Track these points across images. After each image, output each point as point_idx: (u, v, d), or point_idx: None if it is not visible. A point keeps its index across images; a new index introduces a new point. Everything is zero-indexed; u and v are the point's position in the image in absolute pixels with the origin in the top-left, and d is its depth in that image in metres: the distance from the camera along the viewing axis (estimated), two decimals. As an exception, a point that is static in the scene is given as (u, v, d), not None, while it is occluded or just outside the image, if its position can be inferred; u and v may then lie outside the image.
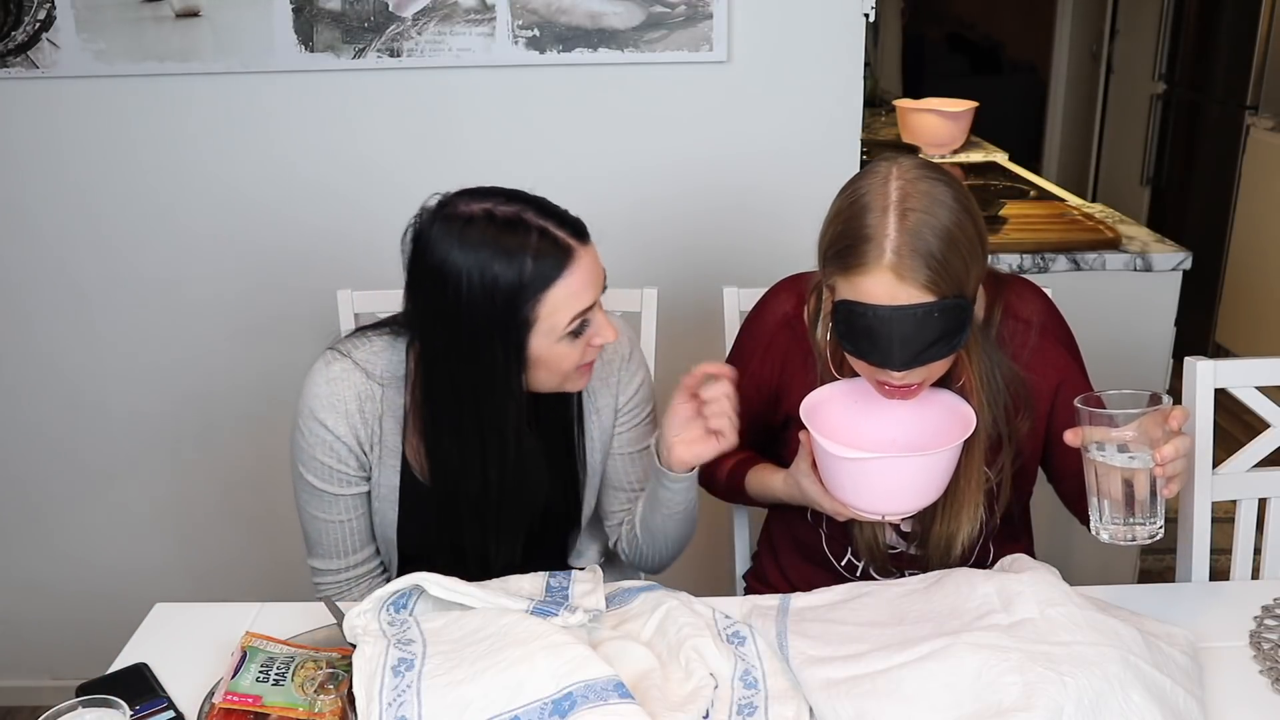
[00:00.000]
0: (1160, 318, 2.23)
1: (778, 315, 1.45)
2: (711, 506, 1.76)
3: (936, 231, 1.17)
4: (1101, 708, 1.02)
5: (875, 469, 1.24)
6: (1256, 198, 3.76)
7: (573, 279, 1.23)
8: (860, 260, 1.19)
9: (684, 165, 2.04)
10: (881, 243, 1.18)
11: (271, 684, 1.11)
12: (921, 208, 1.18)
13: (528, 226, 1.22)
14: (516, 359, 1.24)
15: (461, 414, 1.30)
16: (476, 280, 1.20)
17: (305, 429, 1.36)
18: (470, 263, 1.20)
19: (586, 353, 1.29)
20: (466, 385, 1.27)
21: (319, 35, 1.94)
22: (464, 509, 1.36)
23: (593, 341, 1.28)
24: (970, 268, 1.21)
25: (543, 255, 1.21)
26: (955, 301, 1.20)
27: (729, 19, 1.94)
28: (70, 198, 2.06)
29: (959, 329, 1.22)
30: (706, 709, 1.09)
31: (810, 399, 1.32)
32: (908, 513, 1.28)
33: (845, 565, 1.47)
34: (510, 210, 1.22)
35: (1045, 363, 1.39)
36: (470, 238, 1.20)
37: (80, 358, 2.16)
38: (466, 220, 1.21)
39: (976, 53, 6.35)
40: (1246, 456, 1.49)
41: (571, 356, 1.27)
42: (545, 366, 1.27)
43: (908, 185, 1.20)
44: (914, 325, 1.19)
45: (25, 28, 1.94)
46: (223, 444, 2.22)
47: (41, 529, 2.28)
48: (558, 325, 1.23)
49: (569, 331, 1.24)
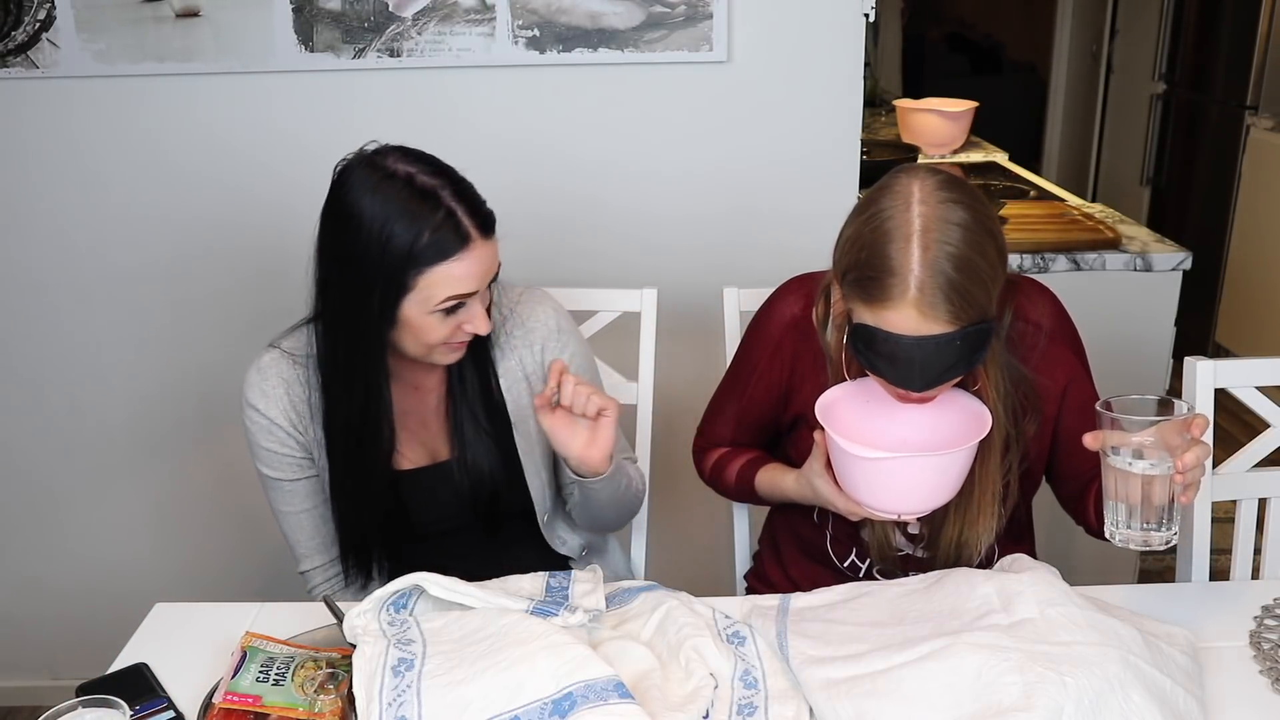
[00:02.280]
0: (1160, 318, 2.23)
1: (786, 316, 1.45)
2: (711, 506, 1.77)
3: (960, 264, 1.16)
4: (1101, 708, 1.02)
5: (891, 469, 1.23)
6: (1256, 198, 3.76)
7: (459, 265, 1.28)
8: (884, 295, 1.18)
9: (684, 165, 2.04)
10: (905, 278, 1.16)
11: (271, 684, 1.11)
12: (944, 238, 1.16)
13: (438, 203, 1.27)
14: (388, 315, 1.30)
15: (336, 353, 1.36)
16: (375, 233, 1.26)
17: (246, 420, 1.43)
18: (375, 214, 1.26)
19: (456, 333, 1.34)
20: (342, 325, 1.34)
21: (319, 35, 1.94)
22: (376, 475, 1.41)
23: (464, 327, 1.34)
24: (992, 290, 1.21)
25: (441, 233, 1.26)
26: (978, 327, 1.20)
27: (729, 19, 1.94)
28: (71, 198, 2.06)
29: (981, 348, 1.22)
30: (706, 709, 1.09)
31: (824, 398, 1.32)
32: (922, 512, 1.28)
33: (848, 566, 1.47)
34: (430, 183, 1.28)
35: (1053, 365, 1.39)
36: (384, 192, 1.26)
37: (80, 356, 2.16)
38: (387, 175, 1.27)
39: (976, 53, 6.35)
40: (1246, 456, 1.49)
41: (439, 331, 1.32)
42: (412, 332, 1.32)
43: (930, 211, 1.17)
44: (935, 353, 1.19)
45: (25, 28, 1.94)
46: (223, 444, 2.22)
47: (41, 528, 2.28)
48: (431, 299, 1.29)
49: (441, 309, 1.30)
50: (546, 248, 2.07)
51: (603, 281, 1.95)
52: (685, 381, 2.04)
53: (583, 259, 2.08)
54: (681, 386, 2.02)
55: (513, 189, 2.05)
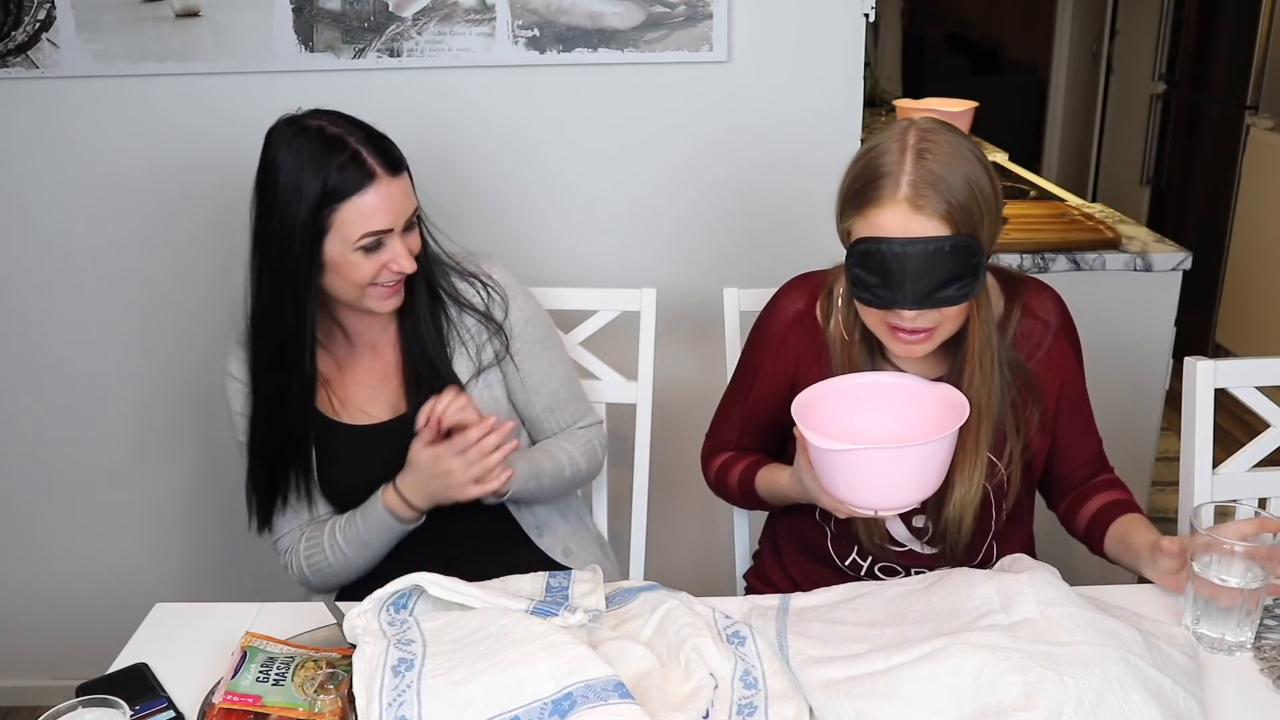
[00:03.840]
0: (1160, 318, 2.23)
1: (790, 312, 1.45)
2: (711, 506, 1.77)
3: (953, 171, 1.22)
4: (1101, 708, 1.02)
5: (862, 460, 1.22)
6: (1256, 198, 3.76)
7: (367, 199, 1.37)
8: (876, 194, 1.23)
9: (684, 165, 2.04)
10: (898, 177, 1.23)
11: (271, 684, 1.11)
12: (939, 152, 1.23)
13: (344, 146, 1.37)
14: (313, 259, 1.39)
15: (263, 294, 1.44)
16: (290, 181, 1.37)
17: (226, 393, 1.55)
18: (290, 165, 1.37)
19: (382, 274, 1.42)
20: (271, 274, 1.42)
21: (319, 35, 1.94)
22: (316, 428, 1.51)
23: (389, 266, 1.41)
24: (984, 216, 1.24)
25: (346, 170, 1.36)
26: (968, 240, 1.22)
27: (729, 19, 1.94)
28: (70, 197, 2.06)
29: (971, 273, 1.23)
30: (706, 709, 1.08)
31: (803, 396, 1.31)
32: (901, 507, 1.26)
33: (850, 565, 1.47)
34: (337, 131, 1.39)
35: (1053, 362, 1.40)
36: (296, 144, 1.38)
37: (79, 357, 2.16)
38: (300, 129, 1.39)
39: (976, 53, 6.35)
40: (1246, 456, 1.49)
41: (364, 269, 1.40)
42: (339, 273, 1.41)
43: (926, 134, 1.25)
44: (926, 260, 1.21)
45: (25, 28, 1.94)
46: (223, 443, 2.21)
47: (41, 529, 2.28)
48: (349, 237, 1.38)
49: (360, 245, 1.38)
50: (546, 247, 2.07)
51: (602, 281, 1.96)
52: (685, 381, 2.04)
53: (582, 258, 2.08)
54: (681, 386, 2.02)
55: (512, 188, 2.06)
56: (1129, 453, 1.77)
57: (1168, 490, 2.92)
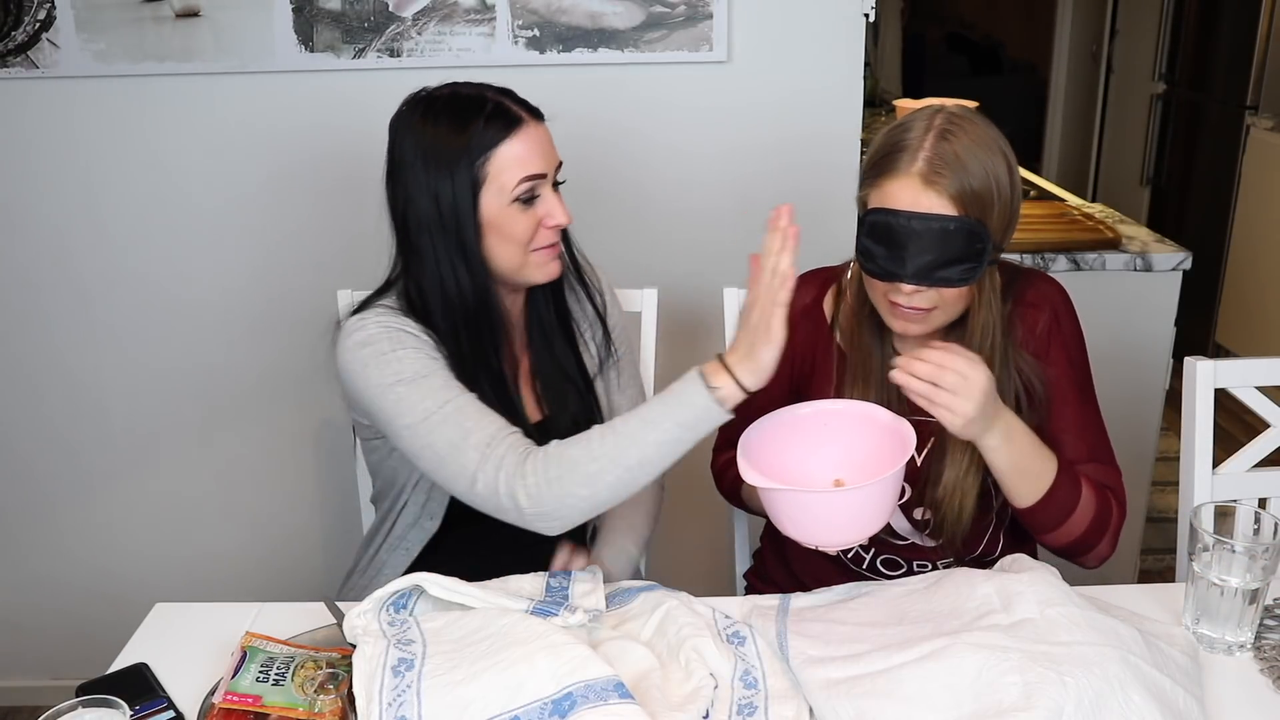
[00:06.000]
0: (1160, 318, 2.23)
1: (797, 307, 1.45)
2: (711, 506, 1.76)
3: (972, 156, 1.23)
4: (1101, 708, 1.02)
5: (795, 501, 1.19)
6: (1256, 198, 3.76)
7: (518, 143, 1.33)
8: (893, 166, 1.26)
9: (684, 165, 2.04)
10: (916, 153, 1.24)
11: (271, 684, 1.11)
12: (962, 136, 1.25)
13: (484, 99, 1.35)
14: (473, 219, 1.33)
15: (444, 285, 1.36)
16: (436, 145, 1.32)
17: (385, 341, 1.34)
18: (430, 134, 1.33)
19: (540, 234, 1.37)
20: (448, 255, 1.35)
21: (319, 35, 1.94)
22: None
23: (545, 222, 1.37)
24: (995, 206, 1.25)
25: (492, 120, 1.33)
26: (976, 225, 1.23)
27: (729, 19, 1.94)
28: (70, 197, 2.06)
29: (974, 258, 1.24)
30: (706, 709, 1.08)
31: (750, 431, 1.27)
32: (843, 545, 1.23)
33: (852, 557, 1.48)
34: (473, 90, 1.37)
35: (1053, 353, 1.40)
36: (433, 108, 1.35)
37: (80, 356, 2.16)
38: (431, 100, 1.36)
39: (976, 53, 6.35)
40: (1246, 456, 1.49)
41: (524, 224, 1.35)
42: (498, 231, 1.34)
43: (954, 118, 1.27)
44: (930, 236, 1.22)
45: (25, 28, 1.94)
46: (223, 443, 2.22)
47: (41, 529, 2.28)
48: (505, 185, 1.33)
49: (517, 196, 1.33)
50: (546, 248, 2.07)
51: (603, 281, 1.95)
52: (685, 381, 2.04)
53: (583, 259, 2.08)
54: (681, 386, 2.02)
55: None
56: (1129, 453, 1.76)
57: (1168, 490, 2.93)
